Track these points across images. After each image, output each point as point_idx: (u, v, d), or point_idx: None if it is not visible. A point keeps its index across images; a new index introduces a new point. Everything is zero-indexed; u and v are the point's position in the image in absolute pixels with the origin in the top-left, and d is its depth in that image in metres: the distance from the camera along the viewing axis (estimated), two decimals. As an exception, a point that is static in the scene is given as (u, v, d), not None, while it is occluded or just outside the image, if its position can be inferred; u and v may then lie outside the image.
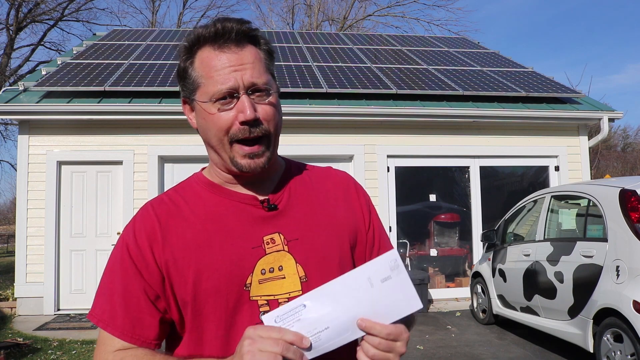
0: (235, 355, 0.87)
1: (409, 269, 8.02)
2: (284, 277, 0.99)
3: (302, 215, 1.05)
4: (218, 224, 1.01)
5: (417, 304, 0.90)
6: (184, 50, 1.03)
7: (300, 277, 1.00)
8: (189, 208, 1.03)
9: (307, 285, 0.98)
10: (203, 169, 1.13)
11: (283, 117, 1.07)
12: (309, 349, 0.87)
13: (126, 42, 10.35)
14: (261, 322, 0.90)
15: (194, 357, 0.96)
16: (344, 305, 0.88)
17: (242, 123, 0.97)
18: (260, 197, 1.04)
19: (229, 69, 0.97)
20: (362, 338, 0.89)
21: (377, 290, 0.89)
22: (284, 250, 1.00)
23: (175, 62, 8.73)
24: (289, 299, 0.96)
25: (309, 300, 0.89)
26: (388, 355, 0.88)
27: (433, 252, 8.22)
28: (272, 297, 0.98)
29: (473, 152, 8.13)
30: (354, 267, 1.04)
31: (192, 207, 1.03)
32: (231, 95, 0.97)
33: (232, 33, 0.98)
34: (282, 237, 1.01)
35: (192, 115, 1.07)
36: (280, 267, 0.99)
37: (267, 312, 0.95)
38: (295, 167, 1.15)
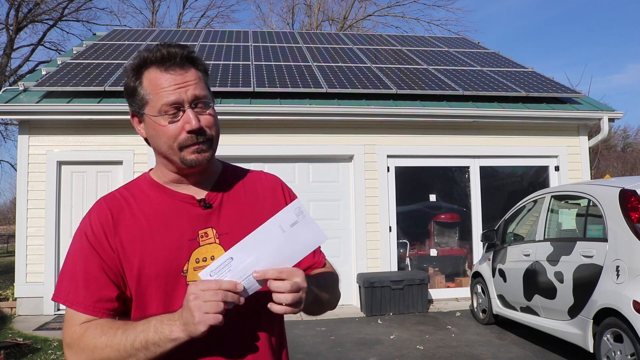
0: (183, 309, 1.03)
1: (409, 269, 8.02)
2: None
3: (233, 212, 1.23)
4: (160, 219, 1.18)
5: (323, 237, 1.12)
6: (131, 71, 1.19)
7: None
8: (136, 205, 1.20)
9: None
10: (150, 169, 1.30)
11: (284, 117, 1.24)
12: (243, 292, 1.05)
13: (126, 42, 10.35)
14: None
15: (145, 318, 1.09)
16: (264, 251, 1.07)
17: (189, 132, 1.14)
18: (198, 197, 1.22)
19: (174, 86, 1.14)
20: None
21: (289, 234, 1.08)
22: (215, 242, 1.18)
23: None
24: None
25: (234, 252, 1.06)
26: (295, 295, 1.05)
27: (433, 252, 8.22)
28: None
29: (473, 152, 8.13)
30: None
31: (139, 204, 1.20)
32: (177, 109, 1.14)
33: (177, 57, 1.15)
34: (214, 231, 1.19)
35: (140, 127, 1.23)
36: (212, 257, 1.16)
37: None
38: (230, 170, 1.33)
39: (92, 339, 1.08)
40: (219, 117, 1.25)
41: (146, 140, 1.26)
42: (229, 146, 7.34)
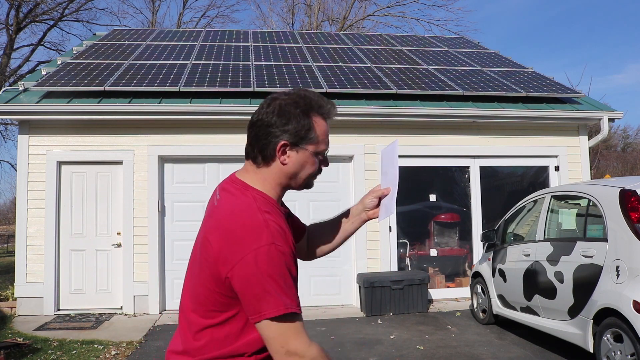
0: None
1: (409, 269, 8.02)
2: None
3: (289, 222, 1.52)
4: (289, 232, 1.38)
5: (396, 141, 1.76)
6: (305, 110, 1.42)
7: None
8: (282, 218, 1.39)
9: None
10: (250, 186, 1.44)
11: None
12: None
13: (126, 42, 10.35)
14: None
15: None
16: (391, 176, 1.75)
17: (319, 171, 1.50)
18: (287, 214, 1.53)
19: (328, 137, 1.49)
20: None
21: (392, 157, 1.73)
22: None
23: (175, 62, 8.79)
24: None
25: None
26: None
27: (433, 252, 8.22)
28: None
29: (473, 152, 8.13)
30: None
31: (281, 219, 1.38)
32: (323, 153, 1.48)
33: (332, 114, 1.49)
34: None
35: (286, 155, 1.42)
36: None
37: None
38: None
39: (318, 354, 1.35)
40: (219, 117, 1.35)
41: (274, 161, 1.43)
42: (229, 146, 7.35)
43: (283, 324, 1.24)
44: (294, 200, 7.17)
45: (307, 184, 1.49)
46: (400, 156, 1.62)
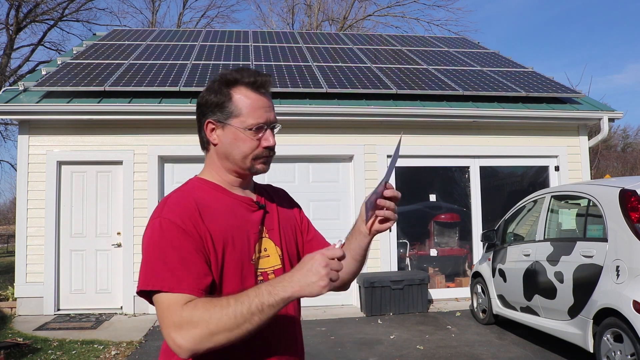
0: (303, 272, 1.15)
1: (409, 269, 8.02)
2: (269, 256, 1.38)
3: (273, 213, 1.46)
4: (232, 215, 1.35)
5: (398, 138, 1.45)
6: (220, 86, 1.37)
7: (279, 255, 1.41)
8: (211, 201, 1.34)
9: (282, 260, 1.41)
10: (197, 176, 1.45)
11: (284, 117, 1.38)
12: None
13: (126, 42, 10.35)
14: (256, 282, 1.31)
15: (244, 290, 1.19)
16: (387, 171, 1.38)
17: (265, 147, 1.37)
18: (254, 199, 1.43)
19: (263, 109, 1.36)
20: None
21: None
22: (266, 237, 1.40)
23: (175, 62, 8.79)
24: (274, 271, 1.37)
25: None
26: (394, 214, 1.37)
27: (433, 252, 8.22)
28: (263, 270, 1.36)
29: (473, 152, 8.13)
30: (302, 246, 1.52)
31: (213, 200, 1.35)
32: (261, 127, 1.36)
33: (267, 84, 1.38)
34: (264, 227, 1.40)
35: (214, 134, 1.38)
36: (265, 249, 1.38)
37: (261, 280, 1.32)
38: (256, 182, 1.55)
39: (205, 311, 1.14)
40: None
41: (207, 145, 1.41)
42: (229, 146, 7.33)
43: (158, 300, 1.20)
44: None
45: (252, 165, 1.37)
46: (400, 156, 1.55)
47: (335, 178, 7.94)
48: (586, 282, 4.31)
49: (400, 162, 7.96)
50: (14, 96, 7.43)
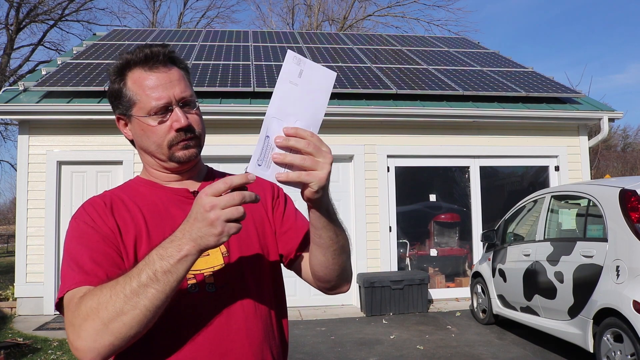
0: (191, 224, 0.94)
1: (409, 269, 8.02)
2: (208, 255, 1.14)
3: None
4: (154, 210, 1.18)
5: (332, 73, 1.06)
6: (114, 73, 1.20)
7: (222, 253, 1.17)
8: (129, 198, 1.19)
9: (229, 258, 1.17)
10: (138, 176, 1.30)
11: None
12: (268, 167, 0.98)
13: (126, 42, 10.35)
14: (188, 293, 1.11)
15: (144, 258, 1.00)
16: (291, 113, 1.01)
17: (178, 130, 1.16)
18: (191, 189, 1.23)
19: (162, 87, 1.15)
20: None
21: (302, 84, 1.01)
22: None
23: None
24: (213, 272, 1.14)
25: (267, 129, 0.99)
26: (316, 160, 1.05)
27: (433, 252, 8.22)
28: (198, 272, 1.13)
29: (473, 152, 8.13)
30: (272, 235, 1.27)
31: (133, 197, 1.19)
32: (166, 109, 1.15)
33: (160, 56, 1.17)
34: None
35: (127, 129, 1.24)
36: None
37: (193, 284, 1.12)
38: (215, 170, 1.36)
39: (93, 298, 0.95)
40: (220, 117, 1.29)
41: (131, 142, 1.26)
42: (229, 146, 7.34)
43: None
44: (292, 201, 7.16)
45: (172, 154, 1.17)
46: (400, 156, 1.33)
47: (335, 178, 7.93)
48: (586, 282, 4.31)
49: (401, 162, 7.96)
50: (14, 96, 7.43)
